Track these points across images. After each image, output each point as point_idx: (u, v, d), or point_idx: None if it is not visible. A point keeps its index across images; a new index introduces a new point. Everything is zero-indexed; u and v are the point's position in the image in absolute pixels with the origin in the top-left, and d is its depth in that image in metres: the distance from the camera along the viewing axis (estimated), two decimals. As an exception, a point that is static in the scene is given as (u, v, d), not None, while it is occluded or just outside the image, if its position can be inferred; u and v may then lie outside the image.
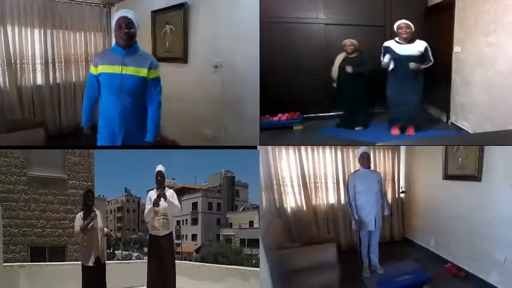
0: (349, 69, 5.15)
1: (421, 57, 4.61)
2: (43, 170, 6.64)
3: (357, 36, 5.37)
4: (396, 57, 4.64)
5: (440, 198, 4.75)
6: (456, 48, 4.87)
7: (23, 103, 6.00)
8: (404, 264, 4.42)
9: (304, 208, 5.23)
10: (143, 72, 3.17)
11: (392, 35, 4.87)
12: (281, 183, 5.08)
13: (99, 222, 3.55)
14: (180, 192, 20.61)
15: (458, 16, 4.85)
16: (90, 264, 3.46)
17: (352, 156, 5.54)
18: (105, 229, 3.66)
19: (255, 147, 4.21)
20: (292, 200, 5.20)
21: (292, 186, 5.19)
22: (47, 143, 5.66)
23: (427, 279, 3.94)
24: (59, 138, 6.33)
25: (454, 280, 4.19)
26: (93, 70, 3.25)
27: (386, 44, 4.73)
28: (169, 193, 3.61)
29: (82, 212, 3.52)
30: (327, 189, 5.42)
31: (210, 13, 4.84)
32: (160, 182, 3.59)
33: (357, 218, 4.26)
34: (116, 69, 3.12)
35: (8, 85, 5.80)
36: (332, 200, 5.46)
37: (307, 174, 5.25)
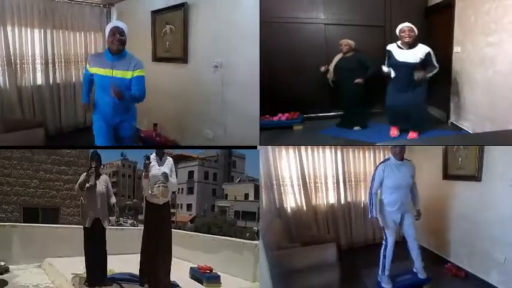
0: (359, 81, 5.15)
1: (421, 64, 4.45)
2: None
3: (357, 36, 5.38)
4: (395, 64, 4.52)
5: (440, 198, 4.75)
6: (456, 48, 4.87)
7: (23, 103, 5.99)
8: (404, 264, 4.41)
9: (304, 208, 5.23)
10: (129, 74, 3.68)
11: (392, 35, 4.87)
12: (281, 183, 5.08)
13: (102, 185, 3.61)
14: (177, 160, 20.37)
15: (458, 16, 4.85)
16: (87, 225, 3.53)
17: (352, 156, 5.56)
18: (112, 199, 3.69)
19: (255, 147, 4.22)
20: (292, 200, 5.19)
21: (292, 186, 5.18)
22: (47, 143, 5.64)
23: (427, 279, 3.94)
24: (59, 138, 6.32)
25: (454, 280, 4.19)
26: (88, 68, 3.86)
27: (388, 47, 4.59)
28: (169, 161, 3.63)
29: (86, 172, 3.59)
30: (327, 189, 5.42)
31: (210, 13, 4.84)
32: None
33: (374, 215, 3.82)
34: (108, 72, 3.66)
35: (8, 85, 5.79)
36: (332, 200, 5.46)
37: (307, 174, 5.25)
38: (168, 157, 3.68)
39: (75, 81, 6.67)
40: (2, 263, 4.31)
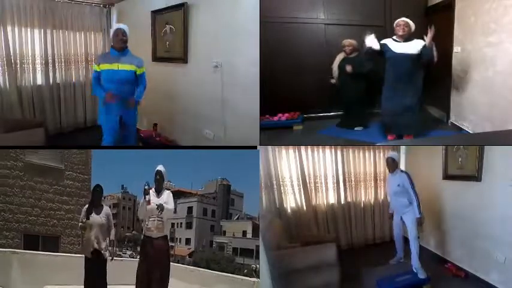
0: (348, 68, 5.15)
1: (418, 57, 4.36)
2: (40, 157, 6.48)
3: (357, 36, 5.36)
4: (393, 56, 4.43)
5: (440, 198, 4.75)
6: (456, 48, 4.87)
7: (23, 103, 5.99)
8: (404, 264, 4.42)
9: (304, 208, 5.23)
10: (133, 67, 4.24)
11: (392, 35, 4.85)
12: (281, 183, 5.08)
13: (103, 217, 3.64)
14: (176, 195, 20.56)
15: (458, 16, 4.85)
16: (87, 255, 3.56)
17: (352, 157, 5.56)
18: (112, 231, 3.73)
19: (255, 147, 4.22)
20: (292, 200, 5.20)
21: (292, 186, 5.19)
22: (47, 143, 5.64)
23: (427, 279, 3.94)
24: (59, 138, 6.32)
25: (454, 280, 4.20)
26: (95, 67, 4.28)
27: (383, 41, 4.50)
28: (166, 194, 3.60)
29: (87, 205, 3.65)
30: (327, 189, 5.42)
31: (210, 13, 4.84)
32: (158, 181, 3.59)
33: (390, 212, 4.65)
34: (114, 66, 4.18)
35: (8, 85, 5.79)
36: (332, 200, 5.46)
37: (307, 174, 5.25)
38: (166, 190, 3.66)
39: (75, 81, 6.68)
40: (1, 289, 4.31)
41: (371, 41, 4.45)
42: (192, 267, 6.25)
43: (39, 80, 6.22)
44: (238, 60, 4.45)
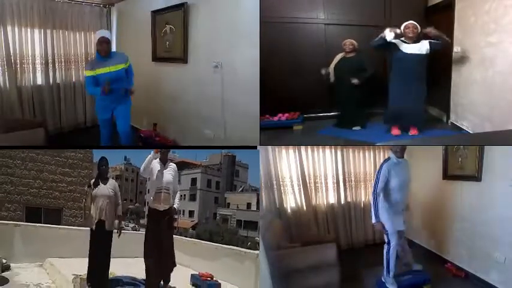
0: (355, 81, 5.15)
1: (425, 56, 4.53)
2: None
3: (357, 36, 5.37)
4: (403, 56, 4.56)
5: (440, 198, 4.75)
6: (456, 48, 4.87)
7: (23, 103, 5.98)
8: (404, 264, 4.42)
9: (304, 208, 5.24)
10: (122, 65, 4.44)
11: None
12: (281, 183, 5.08)
13: (109, 189, 3.62)
14: (180, 166, 20.42)
15: (458, 16, 4.85)
16: (92, 227, 3.54)
17: (352, 157, 5.56)
18: (119, 208, 3.69)
19: (255, 147, 4.22)
20: (292, 200, 5.20)
21: (292, 186, 5.19)
22: (47, 143, 5.64)
23: (427, 279, 3.94)
24: (59, 138, 6.32)
25: (454, 280, 4.20)
26: (90, 73, 4.41)
27: (393, 41, 4.57)
28: (173, 166, 3.68)
29: (94, 179, 3.66)
30: (327, 189, 5.43)
31: (210, 13, 4.84)
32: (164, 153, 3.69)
33: (379, 219, 3.71)
34: (105, 70, 4.36)
35: (8, 85, 5.79)
36: (332, 200, 5.46)
37: (307, 174, 5.25)
38: (171, 163, 3.70)
39: (75, 81, 6.67)
40: (4, 261, 4.32)
41: (389, 34, 4.54)
42: (195, 240, 6.19)
43: (39, 80, 6.22)
44: (238, 60, 4.45)
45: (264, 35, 4.22)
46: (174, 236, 3.71)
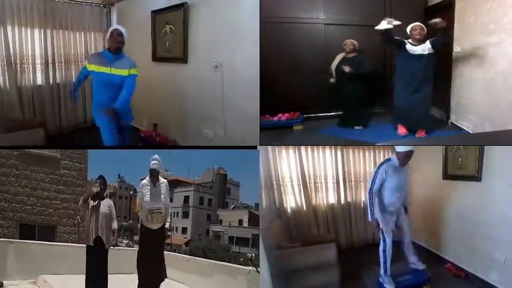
0: (346, 69, 5.15)
1: (430, 56, 4.51)
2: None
3: (357, 36, 5.38)
4: (409, 57, 4.54)
5: (440, 198, 4.75)
6: (456, 48, 4.87)
7: (23, 103, 5.98)
8: (404, 264, 4.42)
9: (304, 208, 5.23)
10: (125, 72, 3.97)
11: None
12: (281, 183, 5.08)
13: (105, 207, 3.74)
14: (173, 184, 20.94)
15: (458, 16, 4.85)
16: (90, 243, 3.61)
17: (352, 157, 5.55)
18: (114, 224, 3.78)
19: (255, 147, 4.22)
20: (292, 200, 5.20)
21: (292, 186, 5.19)
22: (47, 143, 5.64)
23: (427, 279, 3.94)
24: (59, 138, 6.32)
25: (454, 280, 4.19)
26: (86, 65, 4.14)
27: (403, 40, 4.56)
28: (164, 184, 3.70)
29: (94, 187, 3.79)
30: (327, 189, 5.42)
31: (210, 13, 4.84)
32: (154, 176, 3.70)
33: (374, 216, 3.83)
34: (106, 69, 3.97)
35: (8, 85, 5.79)
36: (332, 200, 5.46)
37: (307, 174, 5.25)
38: (162, 180, 3.74)
39: (75, 81, 6.66)
40: (-3, 278, 4.30)
41: (383, 24, 4.50)
42: (189, 256, 6.24)
43: (39, 80, 6.22)
44: (238, 60, 4.45)
45: (264, 35, 4.21)
46: (167, 252, 3.84)
